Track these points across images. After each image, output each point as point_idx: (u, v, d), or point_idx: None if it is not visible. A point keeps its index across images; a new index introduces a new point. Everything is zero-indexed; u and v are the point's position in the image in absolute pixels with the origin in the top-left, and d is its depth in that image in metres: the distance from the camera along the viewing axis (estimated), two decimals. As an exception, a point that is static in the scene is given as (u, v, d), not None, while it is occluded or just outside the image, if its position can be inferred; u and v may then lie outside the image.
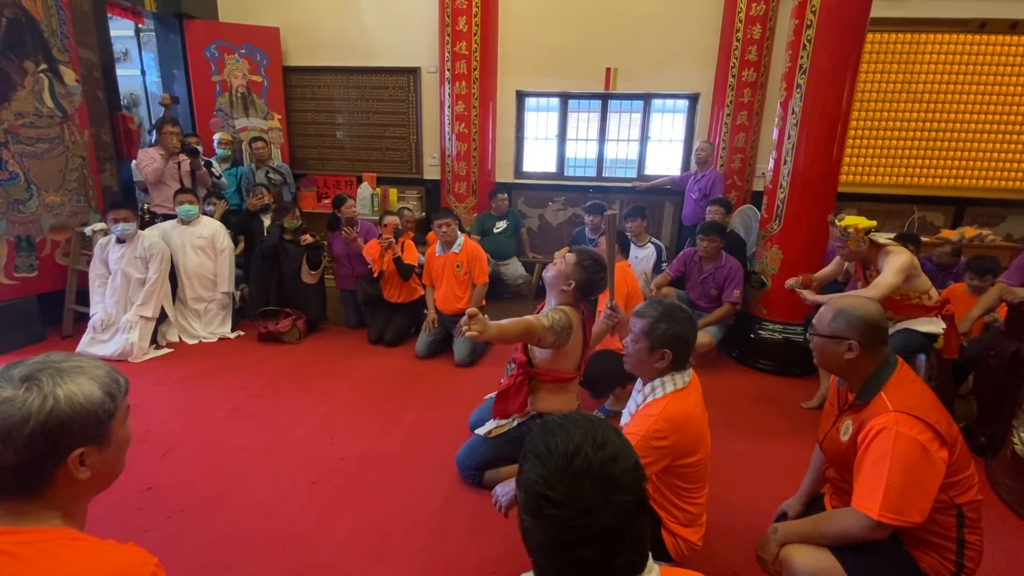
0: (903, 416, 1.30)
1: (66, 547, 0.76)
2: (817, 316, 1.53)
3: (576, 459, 0.71)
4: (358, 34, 5.35)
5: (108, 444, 0.83)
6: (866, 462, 1.32)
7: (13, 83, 3.53)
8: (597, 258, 2.16)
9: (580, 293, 2.17)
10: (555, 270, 2.19)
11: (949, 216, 5.18)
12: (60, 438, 0.77)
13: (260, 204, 4.31)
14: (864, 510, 1.28)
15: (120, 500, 2.11)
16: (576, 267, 2.13)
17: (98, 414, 0.80)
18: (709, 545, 1.79)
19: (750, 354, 3.73)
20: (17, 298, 3.63)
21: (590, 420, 0.77)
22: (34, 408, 0.75)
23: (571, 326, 2.09)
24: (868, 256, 2.72)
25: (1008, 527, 2.15)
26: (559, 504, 0.69)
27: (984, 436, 2.57)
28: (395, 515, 2.12)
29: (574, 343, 2.15)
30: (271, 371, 3.42)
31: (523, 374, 2.20)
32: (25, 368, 0.78)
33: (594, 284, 2.15)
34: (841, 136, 3.29)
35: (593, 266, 2.13)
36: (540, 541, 0.72)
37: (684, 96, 5.34)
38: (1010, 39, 4.73)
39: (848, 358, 1.43)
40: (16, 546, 0.73)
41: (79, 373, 0.80)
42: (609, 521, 0.69)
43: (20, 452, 0.74)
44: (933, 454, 1.27)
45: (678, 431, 1.47)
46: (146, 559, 0.79)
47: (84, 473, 0.80)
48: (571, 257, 2.16)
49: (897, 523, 1.25)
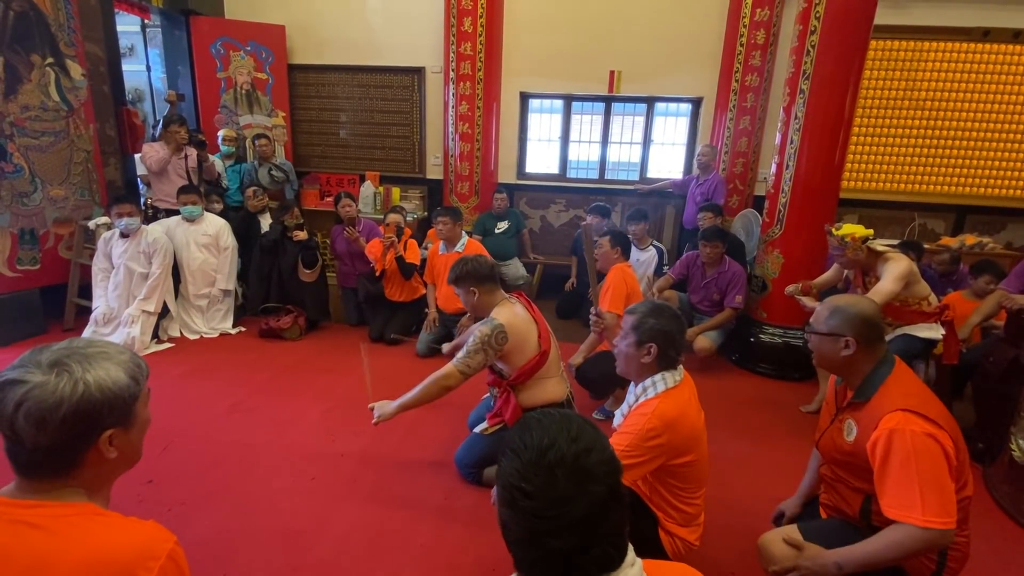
0: (911, 415, 1.30)
1: (92, 521, 0.80)
2: (814, 315, 1.55)
3: (550, 452, 0.72)
4: (363, 33, 5.36)
5: (133, 425, 0.87)
6: (891, 468, 1.28)
7: (20, 76, 3.54)
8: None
9: (480, 291, 2.27)
10: (461, 298, 2.37)
11: (950, 223, 5.18)
12: (91, 421, 0.80)
13: (260, 206, 4.32)
14: (910, 520, 1.22)
15: (120, 492, 2.09)
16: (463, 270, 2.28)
17: (124, 397, 0.84)
18: (707, 545, 1.80)
19: (750, 358, 3.74)
20: (20, 291, 3.64)
21: (567, 416, 0.79)
22: (66, 393, 0.77)
23: (496, 331, 2.15)
24: (867, 263, 2.74)
25: (1005, 533, 2.15)
26: (532, 495, 0.71)
27: (982, 442, 2.58)
28: (394, 512, 2.13)
29: (517, 334, 2.19)
30: (272, 367, 3.43)
31: (506, 390, 2.26)
32: (52, 354, 0.80)
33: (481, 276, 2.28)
34: (843, 142, 3.30)
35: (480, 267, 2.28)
36: (516, 534, 0.74)
37: (687, 100, 5.36)
38: (1013, 48, 4.74)
39: (845, 355, 1.44)
40: (45, 519, 0.77)
41: (105, 359, 0.83)
42: (582, 512, 0.70)
43: (53, 435, 0.77)
44: (949, 450, 1.27)
45: (671, 429, 1.48)
46: (167, 536, 0.82)
47: (112, 453, 0.84)
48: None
49: (943, 526, 1.21)
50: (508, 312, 2.23)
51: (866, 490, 1.42)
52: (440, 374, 2.18)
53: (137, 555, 0.77)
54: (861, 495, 1.45)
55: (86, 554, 0.75)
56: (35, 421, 0.76)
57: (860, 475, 1.42)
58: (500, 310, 2.24)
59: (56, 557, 0.74)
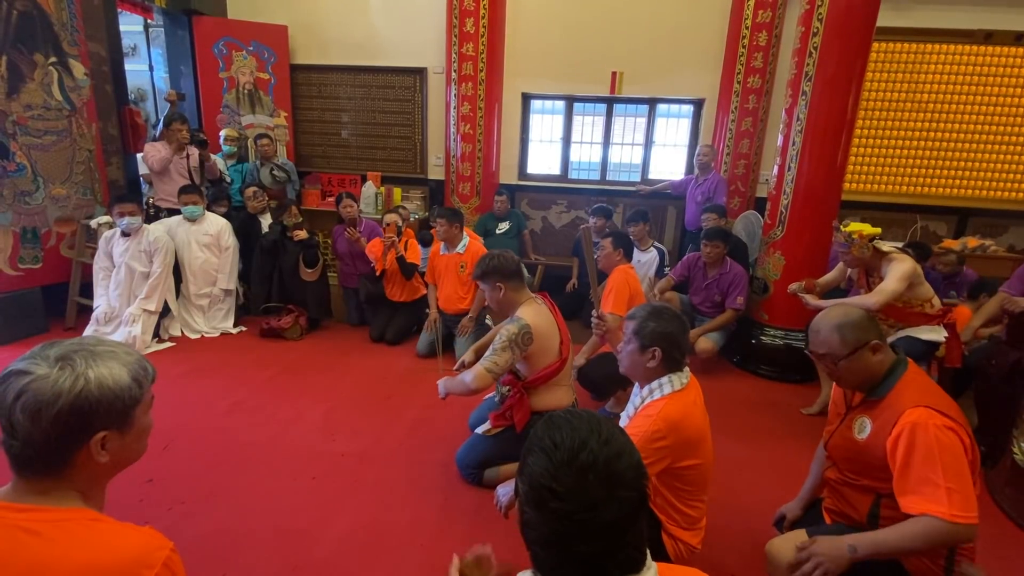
0: (932, 411, 1.29)
1: (85, 527, 0.78)
2: (824, 344, 1.46)
3: (582, 453, 0.71)
4: (366, 34, 5.37)
5: (129, 430, 0.85)
6: (914, 462, 1.26)
7: (22, 75, 3.55)
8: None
9: (507, 288, 2.24)
10: (485, 296, 2.35)
11: (952, 226, 5.18)
12: (86, 420, 0.79)
13: (260, 207, 4.31)
14: (936, 513, 1.20)
15: (121, 491, 2.11)
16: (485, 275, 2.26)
17: (124, 399, 0.82)
18: (708, 547, 1.79)
19: (751, 360, 3.73)
20: (21, 289, 3.64)
21: (595, 417, 0.78)
22: (65, 387, 0.76)
23: (523, 330, 2.12)
24: (871, 263, 2.73)
25: (1007, 536, 2.15)
26: (563, 497, 0.70)
27: (984, 445, 2.55)
28: (395, 512, 2.12)
29: (542, 337, 2.17)
30: (273, 367, 3.43)
31: (519, 390, 2.23)
32: (61, 348, 0.80)
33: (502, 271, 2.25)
34: (845, 144, 3.29)
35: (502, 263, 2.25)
36: (541, 534, 0.73)
37: (689, 101, 5.36)
38: (1015, 50, 4.74)
39: (878, 359, 1.41)
40: (38, 524, 0.76)
41: (111, 357, 0.82)
42: (611, 516, 0.70)
43: (47, 430, 0.76)
44: (967, 445, 1.27)
45: (676, 431, 1.47)
46: (162, 543, 0.80)
47: (104, 457, 0.82)
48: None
49: (968, 520, 1.19)
50: (533, 312, 2.20)
51: (876, 489, 1.41)
52: (472, 378, 2.13)
53: (132, 563, 0.76)
54: (870, 497, 1.44)
55: (81, 562, 0.74)
56: (30, 413, 0.75)
57: (871, 473, 1.41)
58: (526, 309, 2.21)
59: (51, 564, 0.73)
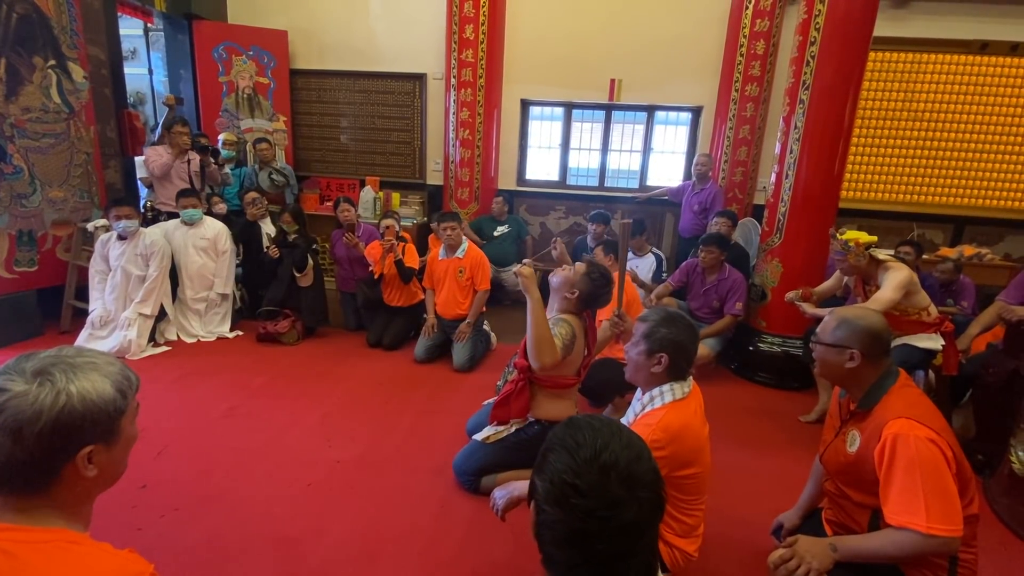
0: (913, 422, 1.30)
1: (63, 550, 0.75)
2: (821, 325, 1.54)
3: (604, 453, 0.74)
4: (366, 39, 5.39)
5: (117, 442, 0.82)
6: (895, 474, 1.27)
7: (21, 78, 3.54)
8: (605, 272, 2.20)
9: (582, 303, 2.20)
10: (562, 276, 2.21)
11: (948, 234, 5.20)
12: (71, 436, 0.75)
13: (259, 214, 4.30)
14: (913, 526, 1.22)
15: (114, 498, 2.06)
16: (584, 277, 2.16)
17: (109, 412, 0.79)
18: (704, 556, 1.78)
19: (749, 367, 3.73)
20: (16, 292, 3.62)
21: (615, 422, 0.81)
22: (46, 404, 0.73)
23: (575, 336, 2.13)
24: (868, 271, 2.74)
25: (1004, 546, 2.14)
26: (585, 494, 0.71)
27: (982, 454, 2.57)
28: (391, 519, 2.11)
29: (576, 351, 2.18)
30: (269, 372, 3.41)
31: (524, 379, 2.20)
32: (38, 362, 0.76)
33: (598, 298, 2.19)
34: (843, 152, 3.31)
35: (600, 280, 2.16)
36: (560, 533, 0.74)
37: (687, 109, 5.38)
38: (1010, 61, 4.78)
39: (849, 367, 1.43)
40: (13, 544, 0.72)
41: (92, 369, 0.79)
42: (631, 516, 0.72)
43: (30, 449, 0.73)
44: (948, 456, 1.27)
45: (675, 441, 1.46)
46: (142, 567, 0.77)
47: (92, 471, 0.79)
48: (580, 267, 2.20)
49: (947, 533, 1.20)
50: (579, 327, 2.19)
51: (871, 505, 1.41)
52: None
53: None
54: (868, 512, 1.43)
55: None
56: (11, 432, 0.72)
57: (864, 488, 1.41)
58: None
59: None
